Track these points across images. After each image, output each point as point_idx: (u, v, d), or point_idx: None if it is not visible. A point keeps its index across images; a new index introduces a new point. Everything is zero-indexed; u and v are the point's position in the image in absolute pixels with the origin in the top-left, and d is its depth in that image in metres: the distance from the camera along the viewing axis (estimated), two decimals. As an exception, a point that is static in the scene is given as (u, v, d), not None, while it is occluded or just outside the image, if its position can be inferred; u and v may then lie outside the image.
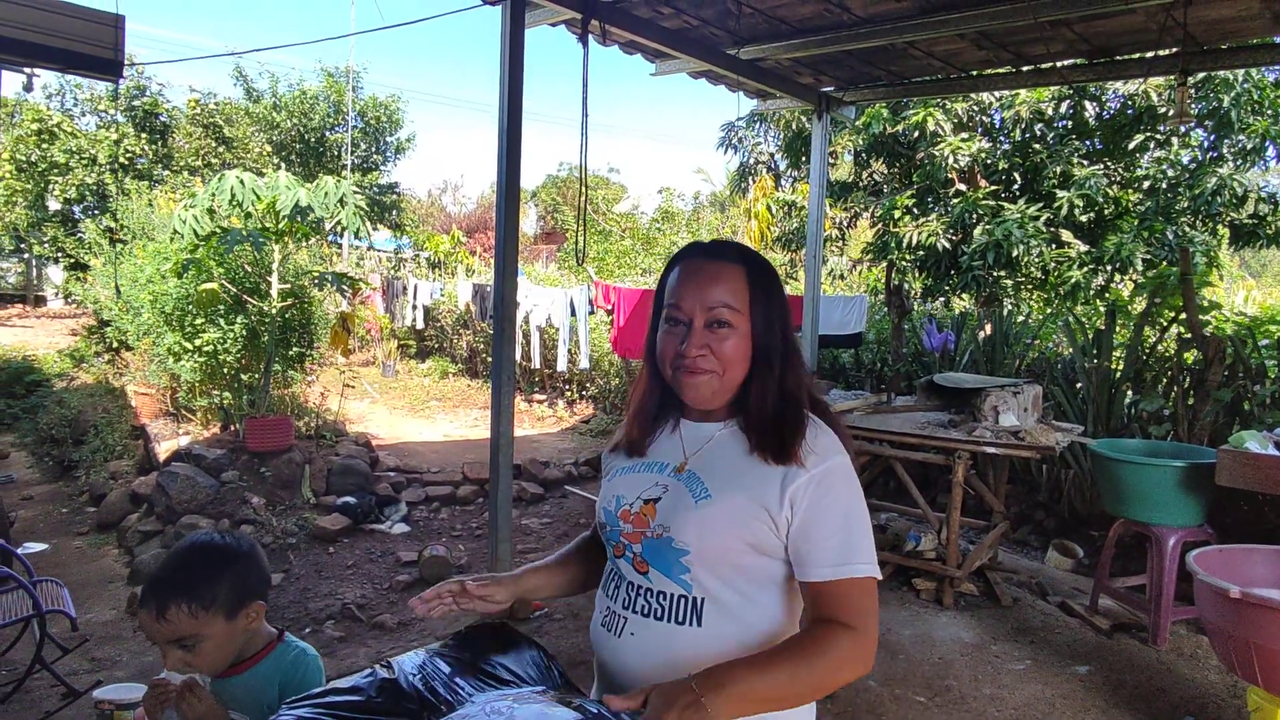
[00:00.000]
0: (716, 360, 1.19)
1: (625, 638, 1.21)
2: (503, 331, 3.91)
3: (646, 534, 1.21)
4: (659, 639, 1.18)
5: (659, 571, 1.19)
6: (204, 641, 1.35)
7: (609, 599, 1.26)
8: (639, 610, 1.20)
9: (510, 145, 3.83)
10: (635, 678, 1.19)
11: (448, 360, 11.61)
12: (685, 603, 1.17)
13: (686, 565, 1.17)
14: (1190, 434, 4.65)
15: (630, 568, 1.23)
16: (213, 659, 1.38)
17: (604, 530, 1.28)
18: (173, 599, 1.33)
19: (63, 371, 9.76)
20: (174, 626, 1.33)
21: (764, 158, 11.66)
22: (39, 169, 13.19)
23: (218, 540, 1.45)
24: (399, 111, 17.34)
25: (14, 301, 16.58)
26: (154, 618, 1.33)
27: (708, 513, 1.16)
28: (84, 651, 3.79)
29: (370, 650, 3.80)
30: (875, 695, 3.19)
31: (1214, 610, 2.59)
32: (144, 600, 1.36)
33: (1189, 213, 7.22)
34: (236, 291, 6.21)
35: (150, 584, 1.36)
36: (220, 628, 1.36)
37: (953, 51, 4.83)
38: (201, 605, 1.34)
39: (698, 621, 1.16)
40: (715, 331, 1.19)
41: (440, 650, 1.23)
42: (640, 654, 1.19)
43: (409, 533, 5.61)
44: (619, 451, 1.34)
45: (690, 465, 1.23)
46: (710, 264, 1.22)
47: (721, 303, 1.19)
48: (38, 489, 6.80)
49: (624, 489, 1.27)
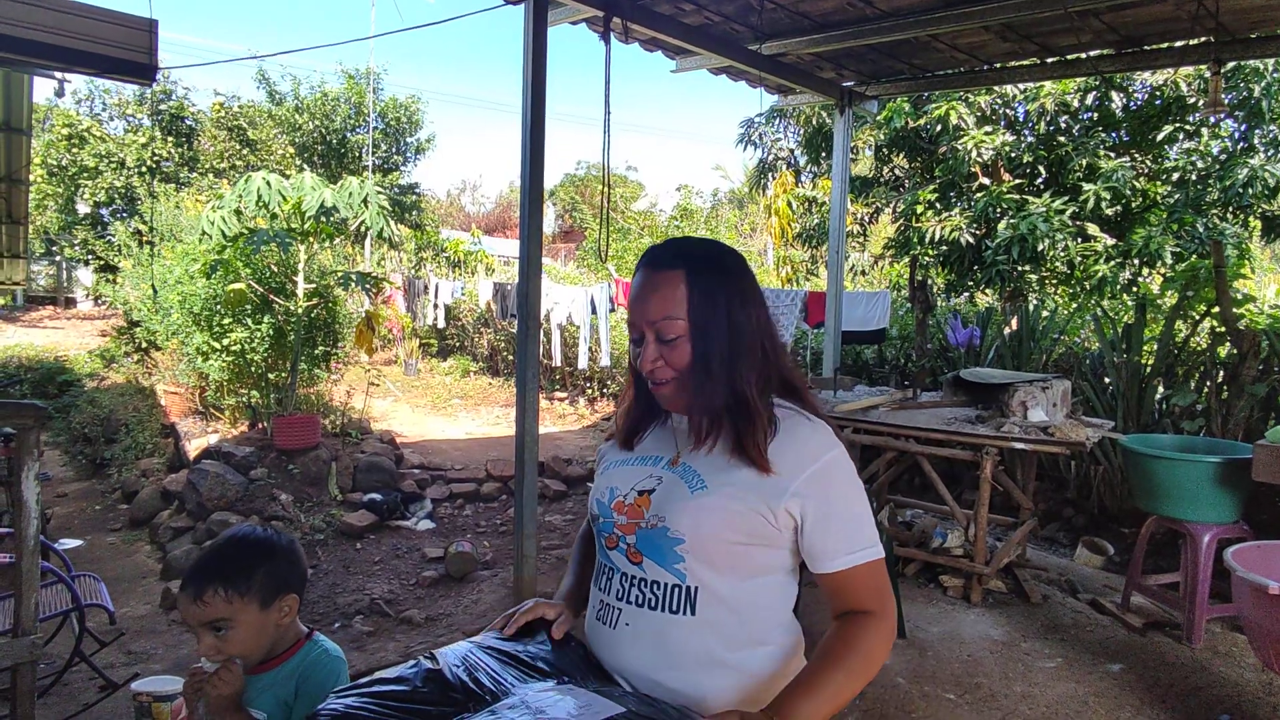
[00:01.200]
0: (671, 369, 1.20)
1: (620, 629, 1.22)
2: (527, 330, 3.93)
3: (641, 525, 1.21)
4: (654, 628, 1.19)
5: (653, 561, 1.20)
6: (236, 627, 1.39)
7: (601, 592, 1.27)
8: (633, 600, 1.21)
9: (534, 145, 3.84)
10: (631, 669, 1.20)
11: (469, 359, 11.68)
12: (679, 592, 1.18)
13: (681, 554, 1.18)
14: (1224, 429, 4.58)
15: (624, 559, 1.24)
16: (244, 646, 1.41)
17: (596, 522, 1.29)
18: (209, 583, 1.37)
19: (93, 371, 9.95)
20: (209, 609, 1.37)
21: (784, 154, 11.61)
22: (69, 173, 13.44)
23: (259, 533, 1.50)
24: (419, 112, 17.45)
25: (45, 303, 16.90)
26: (191, 599, 1.37)
27: (703, 503, 1.17)
28: (121, 645, 3.86)
29: (399, 645, 3.84)
30: (904, 693, 3.17)
31: (1252, 607, 2.55)
32: (184, 584, 1.41)
33: (1219, 204, 7.09)
34: (263, 291, 6.29)
35: (191, 569, 1.41)
36: (253, 616, 1.40)
37: (977, 44, 4.79)
38: (237, 591, 1.38)
39: (691, 610, 1.18)
40: (665, 343, 1.20)
41: (483, 642, 1.25)
42: (635, 644, 1.21)
43: (434, 529, 5.66)
44: (613, 444, 1.37)
45: (684, 458, 1.24)
46: (652, 275, 1.21)
47: (663, 316, 1.18)
48: (71, 486, 6.94)
49: (618, 481, 1.28)
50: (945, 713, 3.04)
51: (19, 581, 2.36)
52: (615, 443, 1.36)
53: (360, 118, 16.49)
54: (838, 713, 1.12)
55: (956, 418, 4.25)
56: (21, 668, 2.37)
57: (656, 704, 1.08)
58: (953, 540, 4.23)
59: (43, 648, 3.62)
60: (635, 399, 1.33)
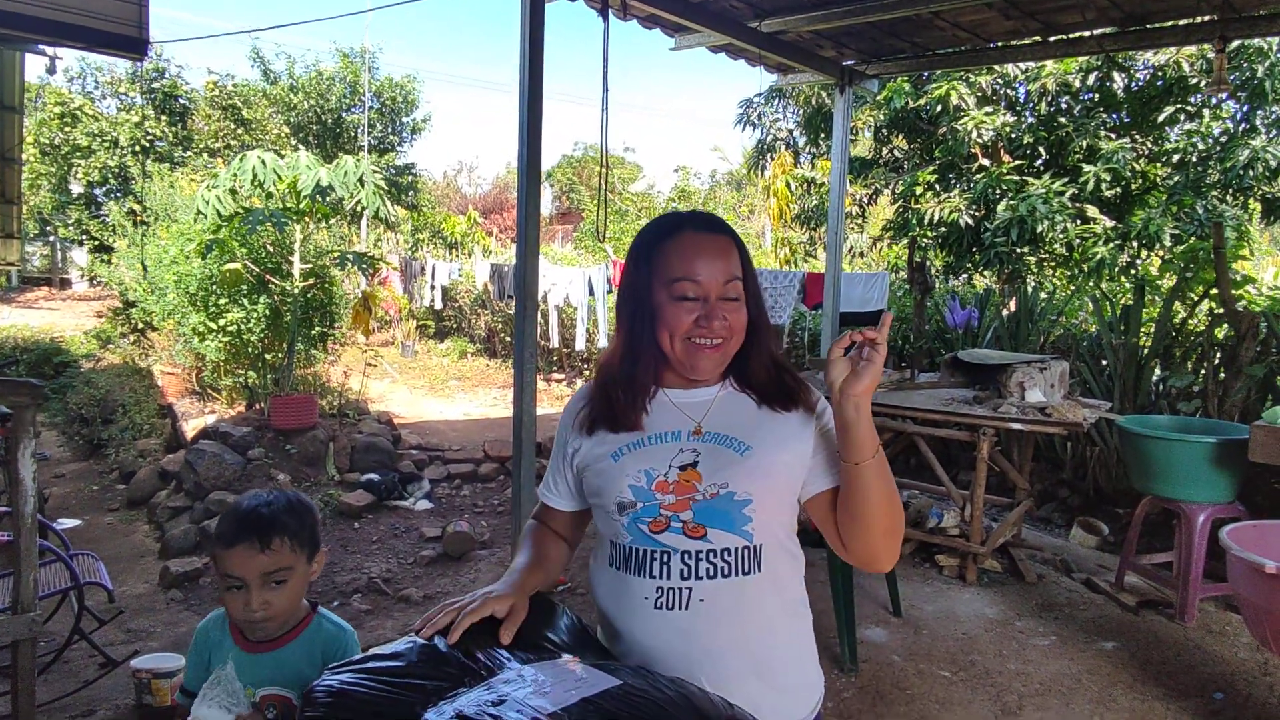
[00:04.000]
0: (730, 331, 1.23)
1: (695, 607, 1.19)
2: (524, 311, 3.91)
3: (696, 497, 1.20)
4: (731, 595, 1.20)
5: (720, 529, 1.20)
6: (294, 578, 1.43)
7: (656, 579, 1.21)
8: (704, 574, 1.19)
9: (531, 125, 3.80)
10: (708, 645, 1.19)
11: (466, 340, 11.66)
12: (748, 552, 1.20)
13: (749, 515, 1.20)
14: (1220, 410, 4.59)
15: (681, 537, 1.20)
16: (293, 601, 1.45)
17: (630, 511, 1.22)
18: (276, 531, 1.41)
19: (90, 352, 9.92)
20: (278, 557, 1.40)
21: (783, 134, 11.53)
22: (62, 152, 13.33)
23: (292, 494, 1.55)
24: (415, 92, 17.29)
25: (40, 284, 16.83)
26: (256, 549, 1.39)
27: (758, 462, 1.21)
28: (119, 623, 3.88)
29: (397, 623, 3.86)
30: (899, 669, 3.20)
31: (1248, 586, 2.57)
32: (240, 535, 1.40)
33: (1219, 186, 7.06)
34: (259, 271, 6.26)
35: (246, 522, 1.41)
36: (304, 568, 1.46)
37: (979, 21, 4.73)
38: (298, 541, 1.44)
39: (759, 567, 1.21)
40: (728, 304, 1.23)
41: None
42: (714, 617, 1.19)
43: (432, 509, 5.68)
44: (600, 431, 1.27)
45: (707, 427, 1.24)
46: (716, 238, 1.25)
47: (733, 275, 1.24)
48: (69, 467, 6.94)
49: (648, 462, 1.22)
50: (940, 690, 3.07)
51: (18, 559, 2.36)
52: (601, 432, 1.27)
53: (355, 97, 16.35)
54: (875, 478, 1.18)
55: (954, 398, 4.26)
56: (21, 645, 2.38)
57: (651, 676, 1.08)
58: (949, 520, 4.25)
59: (42, 625, 3.64)
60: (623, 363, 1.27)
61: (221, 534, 1.42)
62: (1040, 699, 3.01)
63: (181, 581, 4.42)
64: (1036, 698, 3.02)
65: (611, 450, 1.26)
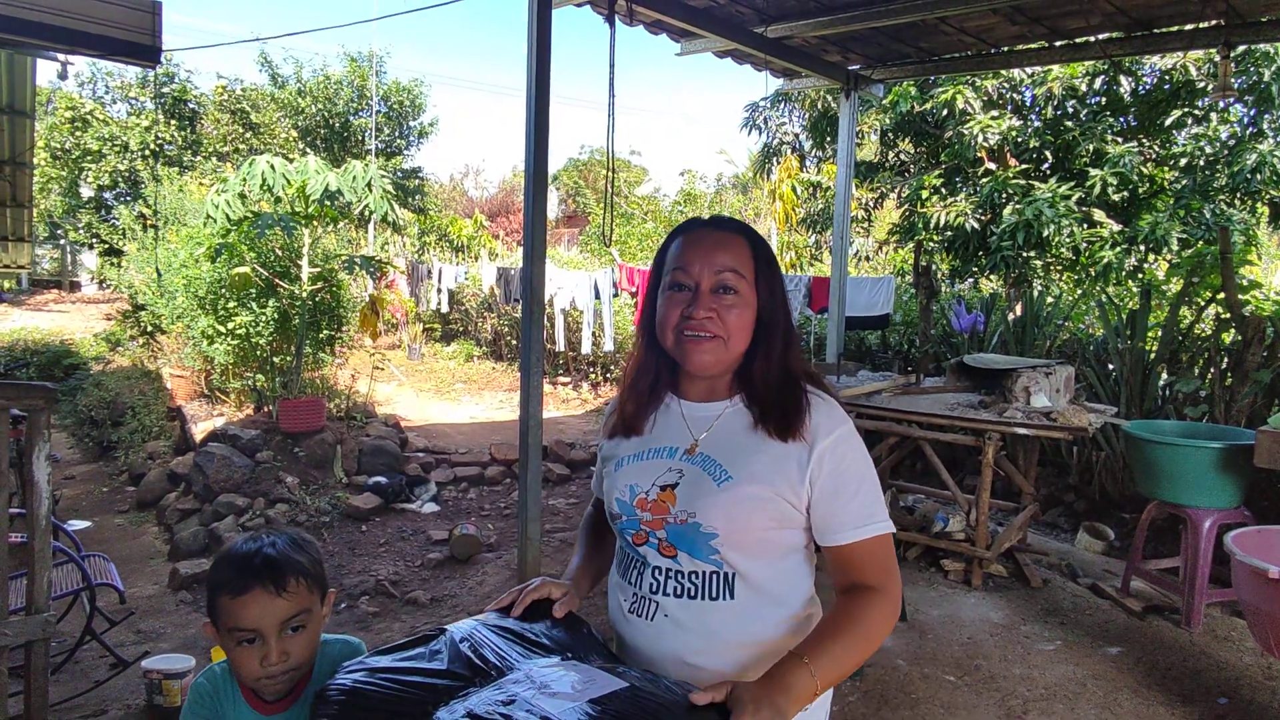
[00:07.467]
0: (723, 326, 1.18)
1: (659, 620, 1.22)
2: (531, 314, 3.94)
3: (669, 520, 1.20)
4: (696, 616, 1.20)
5: (688, 554, 1.20)
6: (312, 622, 1.29)
7: (632, 586, 1.27)
8: (670, 592, 1.22)
9: (538, 129, 3.83)
10: (673, 658, 1.21)
11: (472, 343, 11.70)
12: (718, 578, 1.20)
13: (715, 547, 1.18)
14: (1227, 415, 4.58)
15: (656, 553, 1.23)
16: (311, 646, 1.31)
17: (618, 521, 1.27)
18: (290, 572, 1.26)
19: (99, 355, 9.99)
20: (297, 599, 1.26)
21: (789, 138, 11.53)
22: (72, 156, 13.45)
23: (291, 531, 1.44)
24: (422, 96, 17.37)
25: (50, 287, 16.96)
26: (272, 594, 1.23)
27: (732, 495, 1.17)
28: (130, 624, 3.91)
29: (404, 625, 3.88)
30: (904, 675, 3.20)
31: (1252, 591, 2.57)
32: (251, 581, 1.23)
33: (1227, 190, 7.04)
34: (268, 275, 6.31)
35: (255, 566, 1.25)
36: (319, 611, 1.32)
37: (985, 27, 4.75)
38: (312, 580, 1.30)
39: (730, 595, 1.19)
40: (721, 297, 1.19)
41: (489, 620, 1.26)
42: (677, 633, 1.21)
43: (439, 512, 5.70)
44: (617, 437, 1.32)
45: (701, 447, 1.23)
46: (715, 232, 1.24)
47: (728, 267, 1.20)
48: (79, 469, 7.00)
49: (636, 477, 1.25)
50: (945, 694, 3.07)
51: (32, 560, 2.39)
52: (619, 434, 1.32)
53: (363, 101, 16.42)
54: (833, 685, 1.13)
55: (959, 403, 4.26)
56: (35, 645, 2.41)
57: (657, 680, 1.10)
58: (954, 525, 4.25)
59: (55, 626, 3.68)
60: (642, 367, 1.29)
61: (225, 583, 1.23)
62: (1045, 704, 3.01)
63: (190, 583, 4.45)
64: (1042, 702, 3.02)
65: (618, 459, 1.30)
